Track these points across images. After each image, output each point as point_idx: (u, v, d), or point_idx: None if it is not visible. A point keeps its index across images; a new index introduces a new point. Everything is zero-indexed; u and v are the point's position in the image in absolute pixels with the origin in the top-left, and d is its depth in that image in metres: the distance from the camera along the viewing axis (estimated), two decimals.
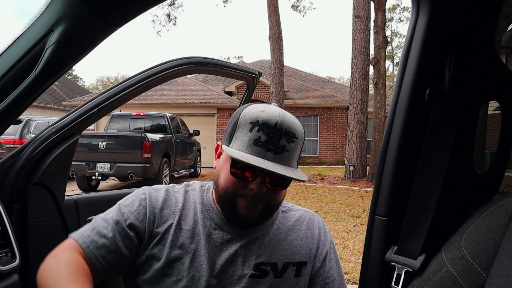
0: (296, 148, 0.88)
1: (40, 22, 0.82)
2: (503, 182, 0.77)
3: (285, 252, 0.97)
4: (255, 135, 0.84)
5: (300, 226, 1.02)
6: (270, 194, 0.88)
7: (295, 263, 0.97)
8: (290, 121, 0.87)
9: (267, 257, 0.95)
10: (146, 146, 7.99)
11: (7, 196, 1.37)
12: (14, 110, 0.97)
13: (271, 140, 0.84)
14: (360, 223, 5.89)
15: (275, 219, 1.01)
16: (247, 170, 0.86)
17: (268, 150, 0.84)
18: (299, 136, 0.89)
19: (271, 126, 0.84)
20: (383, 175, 0.78)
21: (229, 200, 0.89)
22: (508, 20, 0.92)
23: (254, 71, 2.09)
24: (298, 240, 1.00)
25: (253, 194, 0.86)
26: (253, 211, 0.89)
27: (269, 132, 0.84)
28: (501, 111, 0.76)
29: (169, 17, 18.67)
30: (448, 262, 0.64)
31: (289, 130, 0.86)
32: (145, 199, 0.96)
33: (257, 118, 0.85)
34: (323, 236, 1.03)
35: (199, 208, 0.98)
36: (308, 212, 1.07)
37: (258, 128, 0.84)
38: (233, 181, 0.88)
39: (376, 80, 11.16)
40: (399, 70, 0.77)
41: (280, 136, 0.84)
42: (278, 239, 0.98)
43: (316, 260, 0.99)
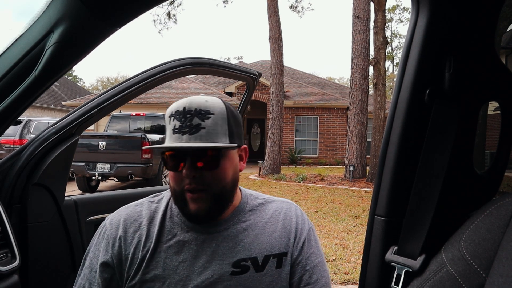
0: (216, 123, 0.89)
1: (40, 22, 0.82)
2: (503, 183, 0.77)
3: (264, 245, 0.96)
4: (172, 125, 0.89)
5: (278, 217, 1.02)
6: (207, 177, 0.89)
7: (276, 255, 0.97)
8: (202, 100, 0.90)
9: (246, 252, 0.95)
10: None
11: (7, 196, 1.37)
12: (14, 110, 0.97)
13: (184, 123, 0.88)
14: (360, 223, 5.88)
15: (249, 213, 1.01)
16: (173, 159, 0.89)
17: (183, 134, 0.87)
18: (216, 111, 0.90)
19: (181, 111, 0.89)
20: (383, 176, 0.78)
21: (179, 197, 0.91)
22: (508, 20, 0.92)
23: (254, 72, 2.09)
24: (277, 231, 0.99)
25: (189, 181, 0.88)
26: (201, 201, 0.89)
27: (180, 117, 0.88)
28: (500, 111, 0.76)
29: (169, 15, 18.68)
30: (448, 262, 0.64)
31: (200, 109, 0.88)
32: (105, 231, 0.98)
33: (171, 110, 0.91)
34: (301, 224, 1.02)
35: (168, 216, 0.98)
36: (286, 203, 1.07)
37: (173, 117, 0.89)
38: (173, 175, 0.91)
39: (376, 80, 11.15)
40: (399, 71, 0.77)
41: (191, 116, 0.88)
42: (256, 233, 0.98)
43: (294, 248, 0.99)
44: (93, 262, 0.96)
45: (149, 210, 1.00)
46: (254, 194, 1.07)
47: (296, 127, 17.36)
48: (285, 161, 16.01)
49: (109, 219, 1.00)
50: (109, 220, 1.00)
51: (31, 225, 1.41)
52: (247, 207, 1.02)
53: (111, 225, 0.98)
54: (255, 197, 1.06)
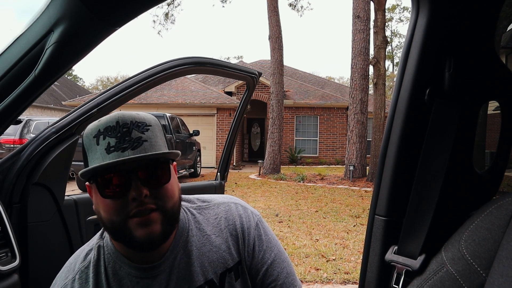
0: (155, 134, 0.79)
1: (40, 22, 0.82)
2: (503, 182, 0.77)
3: (216, 262, 0.88)
4: (103, 144, 0.75)
5: (220, 226, 0.92)
6: (158, 195, 0.77)
7: (231, 268, 0.89)
8: (133, 114, 0.80)
9: (200, 277, 0.86)
10: None
11: (7, 196, 1.37)
12: (14, 110, 0.97)
13: (122, 138, 0.75)
14: (360, 223, 5.89)
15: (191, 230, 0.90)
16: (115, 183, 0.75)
17: (124, 150, 0.75)
18: (152, 123, 0.80)
19: (114, 126, 0.76)
20: (383, 175, 0.78)
21: (120, 229, 0.76)
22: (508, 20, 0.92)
23: (254, 71, 2.09)
24: (224, 242, 0.90)
25: (137, 204, 0.74)
26: (153, 224, 0.76)
27: (114, 133, 0.76)
28: (501, 111, 0.76)
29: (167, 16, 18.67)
30: (448, 262, 0.64)
31: (136, 121, 0.78)
32: None
33: (97, 128, 0.77)
34: (246, 223, 0.93)
35: (110, 275, 0.84)
36: (223, 204, 0.96)
37: (102, 136, 0.76)
38: (111, 204, 0.76)
39: (376, 80, 11.15)
40: (399, 70, 0.77)
41: (129, 130, 0.76)
42: (203, 252, 0.88)
43: (246, 253, 0.91)
44: None
45: (89, 282, 0.84)
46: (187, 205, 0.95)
47: (296, 126, 17.36)
48: (285, 161, 16.02)
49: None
50: None
51: (31, 224, 1.42)
52: (186, 223, 0.90)
53: None
54: (189, 206, 0.95)
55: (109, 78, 51.44)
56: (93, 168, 0.74)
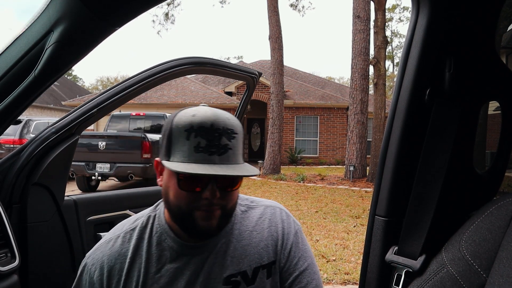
0: (238, 143, 0.84)
1: (39, 22, 0.82)
2: (503, 183, 0.77)
3: (253, 257, 0.93)
4: (194, 142, 0.80)
5: (263, 225, 0.98)
6: (225, 197, 0.85)
7: (265, 265, 0.94)
8: (225, 118, 0.84)
9: (235, 267, 0.92)
10: (146, 146, 7.99)
11: (7, 196, 1.36)
12: (13, 110, 0.97)
13: (212, 142, 0.80)
14: (360, 223, 5.88)
15: (234, 223, 0.97)
16: (196, 181, 0.82)
17: (212, 154, 0.80)
18: (238, 130, 0.85)
19: (208, 128, 0.80)
20: (383, 175, 0.78)
21: (185, 216, 0.84)
22: (508, 20, 0.92)
23: (254, 71, 2.09)
24: (263, 240, 0.96)
25: (207, 202, 0.82)
26: (212, 219, 0.84)
27: (207, 135, 0.80)
28: (501, 111, 0.76)
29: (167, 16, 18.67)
30: (449, 263, 0.64)
31: (227, 128, 0.82)
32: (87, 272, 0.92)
33: (191, 124, 0.81)
34: (287, 229, 0.99)
35: (154, 243, 0.92)
36: (269, 207, 1.02)
37: (194, 134, 0.80)
38: (184, 195, 0.83)
39: (376, 80, 11.15)
40: (399, 70, 0.77)
41: (219, 136, 0.81)
42: (243, 245, 0.94)
43: (282, 255, 0.96)
44: None
45: (131, 242, 0.93)
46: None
47: (296, 126, 17.36)
48: (285, 161, 16.02)
49: (90, 258, 0.94)
50: (91, 260, 0.93)
51: (31, 225, 1.41)
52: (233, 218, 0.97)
53: (93, 266, 0.92)
54: (239, 203, 1.01)
55: (109, 78, 51.46)
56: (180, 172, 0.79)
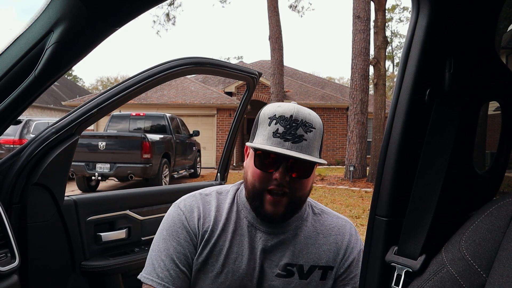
0: (315, 137, 0.93)
1: (39, 22, 0.82)
2: (503, 183, 0.77)
3: (312, 255, 1.00)
4: (273, 128, 0.91)
5: (331, 231, 1.04)
6: (294, 184, 0.92)
7: (322, 267, 0.99)
8: (306, 113, 0.94)
9: (294, 258, 0.98)
10: (146, 146, 7.99)
11: (7, 196, 1.36)
12: (13, 110, 0.97)
13: (288, 130, 0.90)
14: (360, 223, 5.88)
15: (306, 221, 1.03)
16: (269, 160, 0.91)
17: (286, 140, 0.89)
18: (317, 126, 0.94)
19: (287, 118, 0.91)
20: (383, 176, 0.78)
21: (257, 195, 0.94)
22: (508, 20, 0.92)
23: (254, 72, 2.09)
24: (327, 244, 1.01)
25: (277, 183, 0.91)
26: (279, 206, 0.92)
27: (285, 123, 0.91)
28: (501, 111, 0.76)
29: (168, 16, 18.67)
30: (448, 263, 0.64)
31: (305, 121, 0.92)
32: (179, 213, 1.02)
33: (274, 113, 0.93)
34: (354, 243, 1.04)
35: (234, 209, 1.03)
36: (342, 219, 1.08)
37: (275, 121, 0.91)
38: (258, 174, 0.93)
39: (376, 80, 11.15)
40: (399, 71, 0.77)
41: (297, 126, 0.91)
42: (307, 242, 1.01)
43: (341, 265, 1.01)
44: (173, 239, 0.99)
45: (216, 200, 1.04)
46: (313, 203, 1.10)
47: None
48: None
49: (182, 203, 1.04)
50: (183, 204, 1.04)
51: (31, 225, 1.41)
52: (305, 214, 1.05)
53: (185, 208, 1.02)
54: (314, 206, 1.09)
55: (109, 78, 51.46)
56: (255, 147, 0.91)
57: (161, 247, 0.99)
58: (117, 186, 9.45)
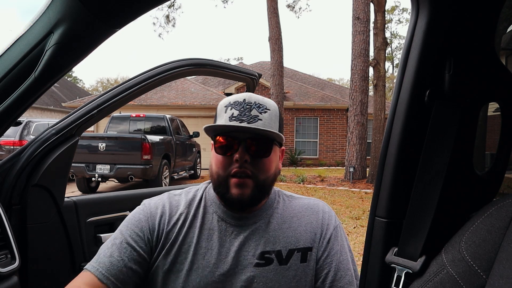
0: (270, 118, 0.96)
1: (39, 23, 0.82)
2: (503, 184, 0.77)
3: (289, 239, 0.99)
4: (229, 113, 0.95)
5: (304, 212, 1.04)
6: (256, 165, 0.94)
7: (300, 249, 0.99)
8: (259, 97, 0.98)
9: (271, 245, 0.98)
10: (146, 147, 7.99)
11: (7, 197, 1.36)
12: (13, 111, 0.97)
13: (243, 112, 0.94)
14: (360, 224, 5.88)
15: (277, 208, 1.04)
16: (228, 143, 0.94)
17: (241, 122, 0.93)
18: (271, 108, 0.98)
19: (240, 102, 0.96)
20: (383, 177, 0.78)
21: (222, 182, 0.95)
22: (508, 21, 0.92)
23: (254, 73, 2.09)
24: (302, 226, 1.02)
25: (239, 165, 0.92)
26: (245, 187, 0.93)
27: (239, 107, 0.95)
28: (501, 112, 0.76)
29: (168, 18, 18.68)
30: (448, 264, 0.64)
31: (258, 103, 0.96)
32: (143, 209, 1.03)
33: (229, 101, 0.98)
34: (327, 220, 1.04)
35: (202, 205, 1.03)
36: (314, 199, 1.09)
37: (230, 107, 0.96)
38: (220, 160, 0.95)
39: (376, 81, 11.16)
40: (398, 72, 0.77)
41: (250, 108, 0.95)
42: (282, 227, 1.01)
43: (320, 244, 1.01)
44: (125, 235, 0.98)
45: (186, 198, 1.05)
46: (282, 191, 1.11)
47: (296, 128, 17.37)
48: (285, 162, 16.02)
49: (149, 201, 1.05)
50: (148, 202, 1.05)
51: (31, 226, 1.41)
52: (275, 202, 1.05)
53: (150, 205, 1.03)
54: (283, 193, 1.10)
55: (109, 80, 51.50)
56: (213, 126, 0.94)
57: (113, 237, 0.99)
58: (117, 187, 9.44)
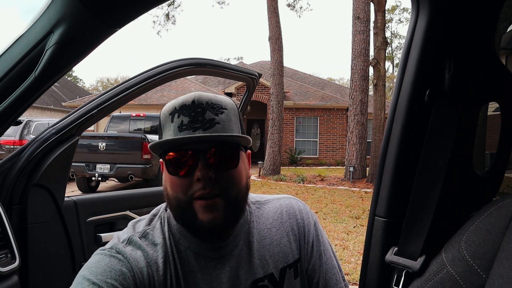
0: (229, 118, 0.78)
1: (40, 23, 0.82)
2: (503, 183, 0.77)
3: (277, 256, 0.86)
4: (177, 122, 0.76)
5: (281, 219, 0.91)
6: (223, 181, 0.75)
7: (291, 265, 0.87)
8: (211, 96, 0.79)
9: (261, 270, 0.84)
10: (146, 147, 7.99)
11: (7, 197, 1.37)
12: (14, 111, 0.97)
13: (194, 118, 0.75)
14: (360, 224, 5.88)
15: (251, 222, 0.88)
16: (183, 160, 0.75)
17: (195, 130, 0.75)
18: (228, 106, 0.80)
19: (189, 105, 0.76)
20: (383, 176, 0.78)
21: (185, 208, 0.75)
22: (508, 21, 0.92)
23: (254, 72, 2.09)
24: (285, 236, 0.89)
25: (202, 185, 0.73)
26: (215, 210, 0.74)
27: (189, 112, 0.76)
28: (500, 112, 0.76)
29: (167, 16, 18.67)
30: (448, 263, 0.64)
31: (212, 102, 0.77)
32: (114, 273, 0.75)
33: (174, 106, 0.78)
34: (306, 220, 0.92)
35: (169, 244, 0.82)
36: (283, 199, 0.96)
37: (177, 114, 0.77)
38: (177, 182, 0.76)
39: (376, 81, 11.15)
40: (399, 71, 0.77)
41: (203, 110, 0.76)
42: (264, 244, 0.87)
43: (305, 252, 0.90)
44: None
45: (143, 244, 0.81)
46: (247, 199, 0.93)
47: (296, 127, 17.36)
48: (285, 162, 16.02)
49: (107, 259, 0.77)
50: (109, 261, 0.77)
51: (31, 225, 1.41)
52: (247, 213, 0.89)
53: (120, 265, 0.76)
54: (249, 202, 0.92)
55: (109, 79, 51.47)
56: (161, 142, 0.74)
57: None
58: (117, 187, 9.44)
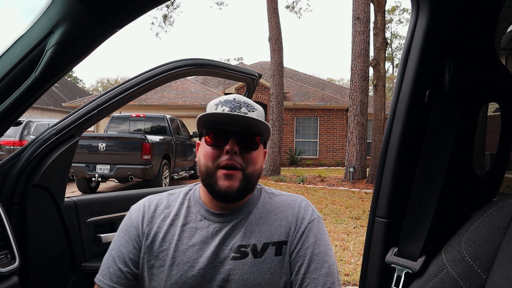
0: (258, 116, 1.02)
1: (40, 23, 0.82)
2: (503, 184, 0.77)
3: (264, 233, 1.02)
4: (220, 109, 1.01)
5: (282, 208, 1.07)
6: (244, 158, 0.98)
7: (275, 243, 1.01)
8: (247, 99, 1.05)
9: (247, 239, 1.01)
10: (146, 147, 7.99)
11: (7, 197, 1.37)
12: (14, 111, 0.97)
13: (233, 109, 1.00)
14: (360, 224, 5.88)
15: (257, 204, 1.07)
16: (219, 136, 0.99)
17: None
18: (258, 109, 1.05)
19: (230, 100, 1.03)
20: (383, 177, 0.78)
21: (210, 174, 0.98)
22: (507, 21, 0.92)
23: (254, 73, 2.09)
24: (278, 221, 1.04)
25: (228, 157, 0.96)
26: (234, 179, 0.97)
27: (230, 104, 1.01)
28: (500, 112, 0.76)
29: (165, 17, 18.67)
30: (448, 264, 0.64)
31: (247, 102, 1.03)
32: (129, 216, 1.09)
33: (219, 100, 1.04)
34: (303, 214, 1.05)
35: (185, 205, 1.07)
36: (292, 196, 1.11)
37: (221, 105, 1.02)
38: (210, 152, 0.99)
39: (376, 81, 11.16)
40: (399, 72, 0.77)
41: (240, 106, 1.01)
42: (259, 222, 1.04)
43: (293, 237, 1.02)
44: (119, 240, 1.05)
45: (167, 199, 1.10)
46: (264, 188, 1.14)
47: (296, 128, 17.37)
48: (285, 162, 16.02)
49: (134, 205, 1.12)
50: (133, 206, 1.11)
51: (31, 226, 1.41)
52: (257, 198, 1.08)
53: (134, 210, 1.09)
54: (265, 190, 1.13)
55: (109, 80, 51.49)
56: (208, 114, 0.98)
57: (110, 247, 1.07)
58: (117, 187, 9.44)
